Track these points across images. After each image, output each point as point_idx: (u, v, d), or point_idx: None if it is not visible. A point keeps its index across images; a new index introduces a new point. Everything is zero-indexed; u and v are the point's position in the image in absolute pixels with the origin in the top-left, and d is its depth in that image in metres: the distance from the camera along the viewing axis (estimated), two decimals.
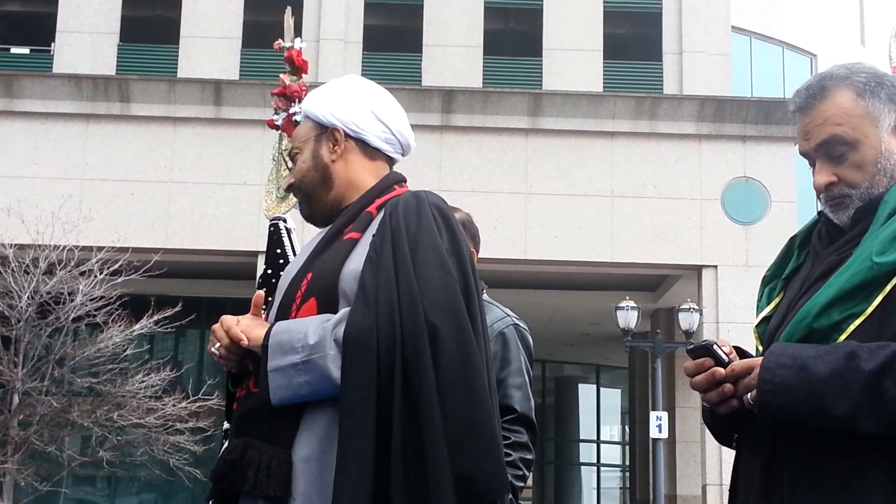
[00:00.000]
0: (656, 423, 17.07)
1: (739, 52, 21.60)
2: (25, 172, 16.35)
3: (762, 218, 16.78)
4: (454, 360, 2.21)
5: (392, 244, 2.31)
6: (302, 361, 2.24)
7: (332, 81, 2.62)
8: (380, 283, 2.26)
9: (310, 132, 2.54)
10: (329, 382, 2.23)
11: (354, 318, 2.24)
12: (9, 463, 13.48)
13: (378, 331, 2.21)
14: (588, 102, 17.14)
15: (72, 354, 14.15)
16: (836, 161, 2.15)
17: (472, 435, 2.19)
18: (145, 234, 16.10)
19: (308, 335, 2.26)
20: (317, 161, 2.52)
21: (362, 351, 2.20)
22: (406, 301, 2.24)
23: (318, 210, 2.54)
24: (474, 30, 19.25)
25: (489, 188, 16.70)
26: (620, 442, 27.60)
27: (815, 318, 2.03)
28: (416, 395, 2.18)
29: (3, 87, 16.62)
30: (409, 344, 2.21)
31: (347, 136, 2.52)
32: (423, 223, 2.35)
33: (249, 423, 2.33)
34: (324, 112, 2.53)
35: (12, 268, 13.74)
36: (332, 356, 2.23)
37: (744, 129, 17.09)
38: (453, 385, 2.20)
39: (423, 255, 2.30)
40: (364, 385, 2.19)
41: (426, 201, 2.40)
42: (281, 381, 2.26)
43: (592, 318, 20.19)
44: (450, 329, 2.23)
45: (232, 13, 18.85)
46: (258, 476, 2.24)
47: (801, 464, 1.99)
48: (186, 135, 16.67)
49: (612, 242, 16.64)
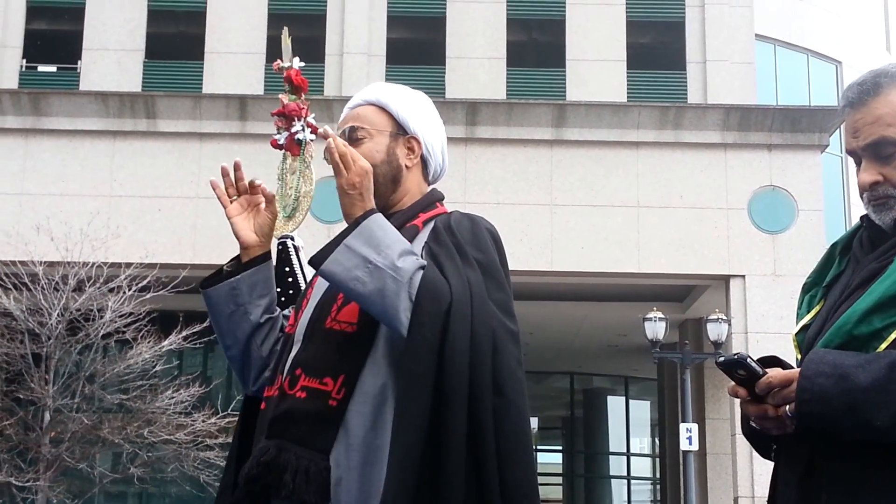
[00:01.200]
0: (686, 435, 16.96)
1: (764, 60, 21.51)
2: (54, 190, 16.49)
3: (789, 227, 16.68)
4: (510, 376, 2.27)
5: (457, 252, 2.35)
6: (375, 265, 2.25)
7: (416, 94, 2.67)
8: (449, 274, 2.29)
9: (385, 125, 2.57)
10: (381, 304, 2.24)
11: (432, 278, 2.26)
12: (41, 480, 13.56)
13: (452, 303, 2.23)
14: (612, 113, 17.10)
15: (102, 371, 14.23)
16: (883, 161, 2.09)
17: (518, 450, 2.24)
18: (173, 249, 16.18)
19: (395, 252, 2.27)
20: (392, 158, 2.55)
21: (435, 304, 2.22)
22: (478, 300, 2.28)
23: (377, 203, 2.50)
24: (497, 41, 19.28)
25: (514, 200, 16.69)
26: (650, 454, 27.44)
27: (855, 324, 1.99)
28: (476, 394, 2.21)
29: (31, 106, 16.77)
30: (477, 339, 2.23)
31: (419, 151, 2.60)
32: (482, 244, 2.42)
33: (284, 425, 2.30)
34: (408, 117, 2.59)
35: (42, 285, 13.84)
36: (404, 286, 2.23)
37: (769, 138, 17.00)
38: (508, 395, 2.25)
39: (487, 273, 2.36)
40: (427, 339, 2.20)
41: (481, 224, 2.47)
42: (345, 260, 2.26)
43: (620, 329, 20.11)
44: (509, 348, 2.29)
45: (256, 28, 18.97)
46: (296, 481, 2.22)
47: (839, 476, 1.96)
48: (212, 150, 16.76)
49: (639, 253, 16.59)
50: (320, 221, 15.97)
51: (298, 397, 2.31)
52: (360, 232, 2.28)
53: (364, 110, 2.59)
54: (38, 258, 14.17)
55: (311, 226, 15.76)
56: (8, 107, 16.72)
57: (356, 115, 2.59)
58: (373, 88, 2.65)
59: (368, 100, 2.61)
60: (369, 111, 2.59)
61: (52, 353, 13.87)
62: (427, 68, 19.19)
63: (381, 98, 2.60)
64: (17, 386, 14.34)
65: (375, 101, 2.59)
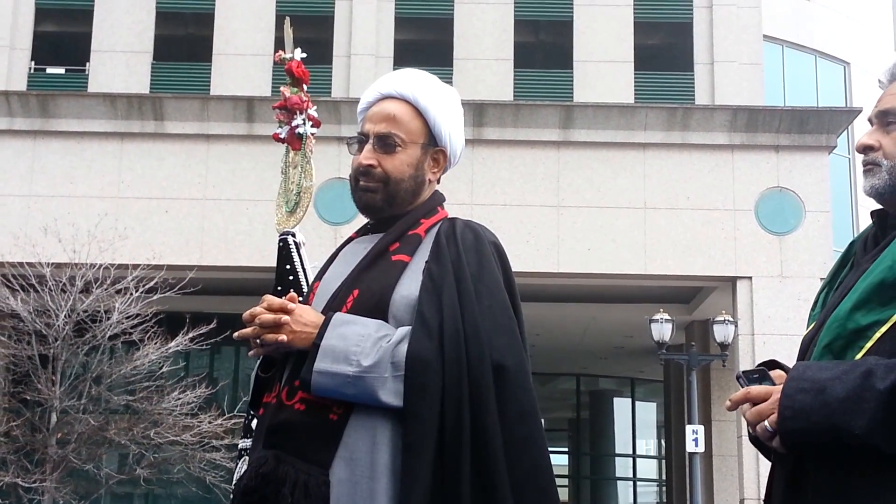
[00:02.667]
0: (692, 436, 16.93)
1: (772, 61, 21.47)
2: (62, 191, 16.52)
3: (796, 228, 16.64)
4: (518, 405, 2.24)
5: (455, 278, 2.30)
6: (354, 376, 2.22)
7: (453, 95, 2.57)
8: (444, 316, 2.25)
9: (419, 135, 2.49)
10: (375, 401, 2.22)
11: (417, 346, 2.22)
12: (47, 481, 13.58)
13: (444, 364, 2.21)
14: (619, 114, 17.09)
15: (108, 372, 14.24)
16: (885, 129, 2.17)
17: (535, 479, 2.22)
18: (180, 251, 16.20)
19: (364, 352, 2.24)
20: (418, 173, 2.49)
21: (426, 383, 2.20)
22: (472, 339, 2.24)
23: (393, 213, 2.48)
24: (505, 43, 19.28)
25: (521, 201, 16.68)
26: (656, 456, 27.40)
27: (843, 322, 2.03)
28: (483, 436, 2.18)
29: (39, 107, 16.80)
30: (475, 382, 2.21)
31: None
32: (484, 260, 2.36)
33: (282, 436, 2.28)
34: (442, 128, 2.51)
35: (49, 286, 13.87)
36: (384, 378, 2.22)
37: (777, 139, 16.97)
38: (517, 430, 2.22)
39: (488, 297, 2.31)
40: (425, 419, 2.18)
41: (484, 238, 2.40)
42: (326, 384, 2.24)
43: (626, 331, 20.09)
44: (514, 373, 2.25)
45: (263, 30, 18.99)
46: (295, 495, 2.19)
47: (825, 479, 1.99)
48: (220, 152, 16.78)
49: (646, 254, 16.57)
50: (327, 223, 15.98)
51: (297, 409, 2.28)
52: (324, 352, 2.25)
53: (401, 111, 2.47)
54: (45, 260, 14.19)
55: (319, 227, 15.78)
56: (17, 108, 16.76)
57: (392, 116, 2.46)
58: (409, 81, 2.52)
59: (405, 96, 2.49)
60: (406, 113, 2.47)
61: (59, 354, 13.89)
62: (434, 70, 18.97)
63: (419, 99, 2.48)
64: (24, 387, 14.37)
65: (413, 101, 2.48)
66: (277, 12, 19.09)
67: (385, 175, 2.44)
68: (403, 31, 19.49)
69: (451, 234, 2.39)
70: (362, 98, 2.57)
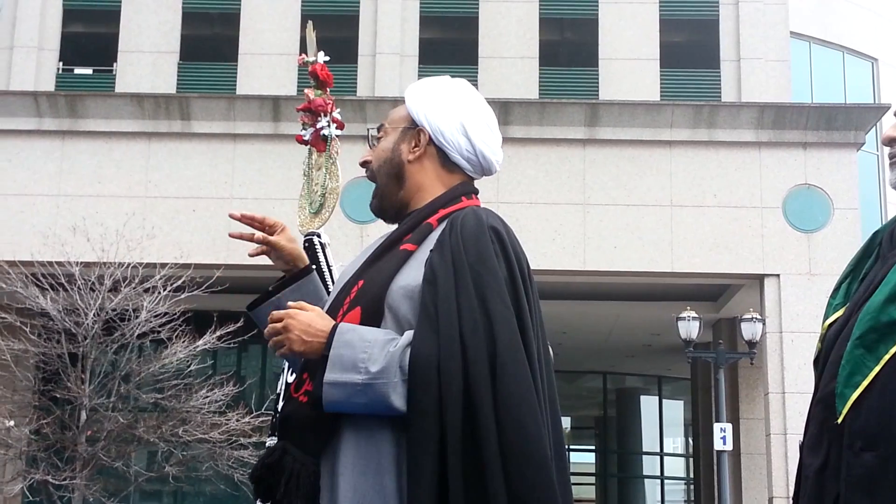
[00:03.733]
0: (720, 434, 16.86)
1: (799, 58, 21.34)
2: (90, 191, 16.63)
3: (825, 225, 16.54)
4: (513, 392, 2.20)
5: (453, 269, 2.28)
6: (363, 384, 2.22)
7: (440, 80, 2.58)
8: (439, 308, 2.25)
9: (400, 121, 2.52)
10: (387, 408, 2.23)
11: (420, 344, 2.23)
12: (77, 479, 13.68)
13: (440, 360, 2.21)
14: (645, 112, 17.03)
15: (137, 370, 14.32)
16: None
17: (525, 468, 2.18)
18: (207, 250, 16.27)
19: (372, 358, 2.24)
20: (394, 154, 2.49)
21: (428, 380, 2.20)
22: (468, 330, 2.23)
23: (389, 206, 2.52)
24: (530, 41, 19.25)
25: (547, 199, 16.66)
26: (684, 454, 27.30)
27: (875, 314, 2.00)
28: (476, 428, 2.18)
29: (67, 108, 16.93)
30: (470, 377, 2.20)
31: (430, 142, 2.49)
32: (483, 251, 2.30)
33: (288, 427, 2.35)
34: (417, 108, 2.50)
35: (78, 285, 13.96)
36: (394, 383, 2.22)
37: (804, 136, 16.87)
38: (511, 416, 2.19)
39: (484, 288, 2.27)
40: (429, 415, 2.19)
41: (485, 224, 2.34)
42: (337, 396, 2.24)
43: (653, 328, 20.03)
44: (509, 365, 2.22)
45: (289, 30, 19.05)
46: (288, 485, 2.25)
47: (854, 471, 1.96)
48: (246, 151, 16.85)
49: (672, 252, 16.51)
50: (353, 222, 16.03)
51: (301, 401, 2.32)
52: (332, 363, 2.25)
53: (395, 110, 2.58)
54: (74, 259, 14.29)
55: (345, 226, 15.83)
56: (45, 109, 16.89)
57: (390, 113, 2.58)
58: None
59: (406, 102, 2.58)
60: (398, 111, 2.56)
61: (89, 352, 13.99)
62: (459, 68, 19.17)
63: (406, 93, 2.57)
64: (53, 385, 14.47)
65: (405, 100, 2.56)
66: (303, 12, 19.14)
67: (371, 166, 2.53)
68: (428, 30, 19.50)
69: (456, 222, 2.36)
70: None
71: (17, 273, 14.17)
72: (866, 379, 1.95)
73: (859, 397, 1.96)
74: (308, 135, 2.96)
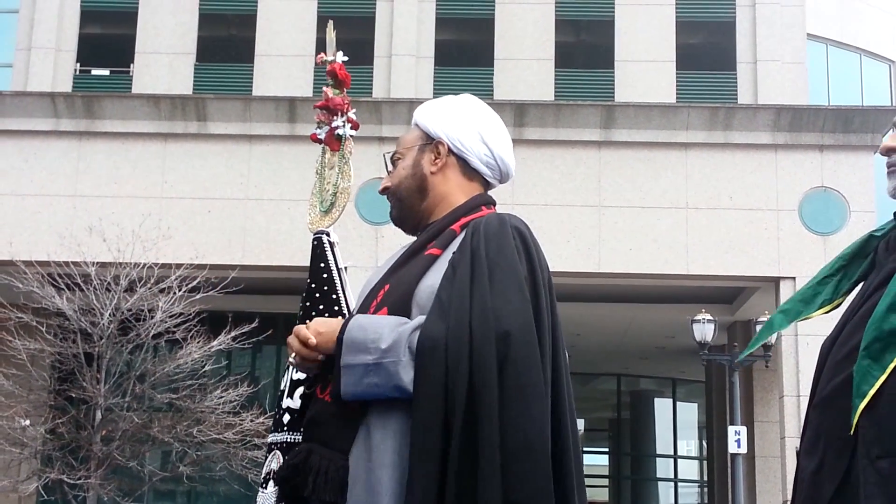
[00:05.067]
0: (734, 437, 16.82)
1: (816, 60, 21.27)
2: (106, 192, 16.70)
3: (841, 228, 16.48)
4: (520, 381, 2.21)
5: (470, 262, 2.32)
6: (373, 363, 2.27)
7: (447, 98, 2.67)
8: (452, 295, 2.28)
9: (415, 140, 2.60)
10: (397, 387, 2.26)
11: (427, 326, 2.27)
12: (92, 478, 13.73)
13: (447, 341, 2.23)
14: (661, 114, 17.00)
15: (152, 370, 14.38)
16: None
17: (523, 457, 2.18)
18: (222, 250, 16.32)
19: (382, 338, 2.29)
20: (416, 170, 2.56)
21: (433, 361, 2.23)
22: (478, 316, 2.25)
23: (410, 218, 2.58)
24: (546, 43, 19.24)
25: (562, 201, 16.65)
26: (698, 457, 27.24)
27: (879, 323, 2.02)
28: (478, 410, 2.19)
29: (84, 109, 17.00)
30: (476, 358, 2.21)
31: (450, 152, 2.56)
32: (504, 246, 2.35)
33: (314, 427, 2.38)
34: (432, 124, 2.58)
35: (94, 286, 14.02)
36: (403, 363, 2.25)
37: (821, 138, 16.81)
38: (514, 403, 2.20)
39: (500, 276, 2.30)
40: (434, 397, 2.21)
41: (508, 224, 2.40)
42: (351, 379, 2.29)
43: (668, 331, 19.99)
44: (519, 352, 2.22)
45: (305, 31, 19.08)
46: (316, 481, 2.29)
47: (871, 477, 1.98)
48: (262, 152, 16.89)
49: (688, 255, 16.47)
50: (368, 223, 16.04)
51: (325, 401, 2.37)
52: (346, 347, 2.31)
53: (406, 135, 2.67)
54: (90, 259, 14.34)
55: (360, 227, 15.85)
56: (62, 110, 16.97)
57: (399, 139, 2.67)
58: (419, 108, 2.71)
59: (413, 123, 2.67)
60: (409, 133, 2.65)
61: (104, 352, 14.04)
62: (475, 70, 19.20)
63: (415, 115, 2.65)
64: (69, 385, 14.53)
65: (414, 122, 2.65)
66: (319, 13, 19.17)
67: (391, 188, 2.61)
68: (444, 32, 19.51)
69: (478, 225, 2.41)
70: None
71: (33, 273, 14.24)
72: (873, 388, 1.98)
73: (869, 406, 1.97)
74: (322, 133, 2.96)
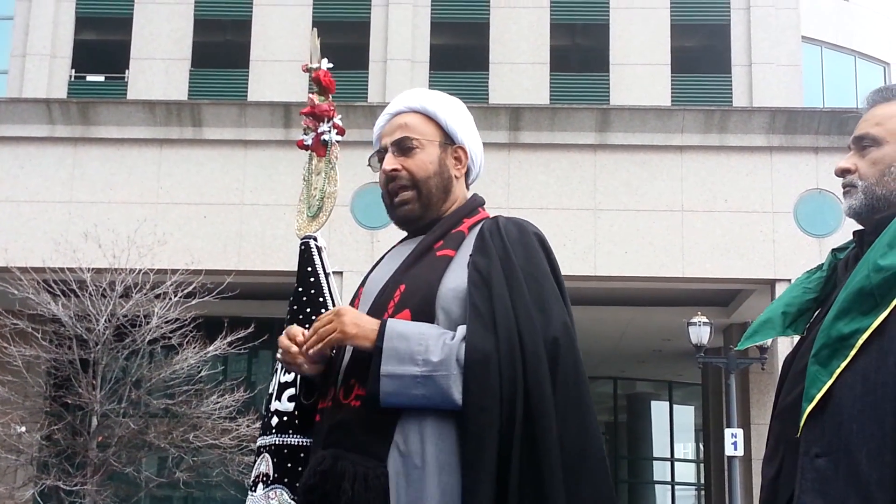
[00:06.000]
0: (731, 440, 16.82)
1: (810, 62, 21.31)
2: (102, 197, 16.68)
3: (836, 230, 16.49)
4: (572, 390, 2.28)
5: (503, 271, 2.35)
6: (422, 376, 2.24)
7: (455, 100, 2.67)
8: (495, 307, 2.29)
9: (434, 135, 2.58)
10: (447, 400, 2.24)
11: (475, 339, 2.25)
12: (88, 484, 13.70)
13: (499, 354, 2.24)
14: (656, 117, 17.02)
15: (148, 376, 14.35)
16: (861, 153, 2.34)
17: (585, 464, 2.25)
18: (218, 256, 16.31)
19: (429, 350, 2.26)
20: (443, 170, 2.57)
21: (486, 374, 2.23)
22: (526, 328, 2.28)
23: (430, 216, 2.55)
24: (541, 47, 19.26)
25: (558, 205, 16.65)
26: (694, 460, 27.25)
27: (826, 331, 2.10)
28: (537, 423, 2.22)
29: (79, 115, 16.99)
30: (530, 371, 2.24)
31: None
32: (532, 254, 2.42)
33: (340, 434, 2.31)
34: (455, 127, 2.60)
35: (90, 291, 14.00)
36: (454, 376, 2.24)
37: (816, 141, 16.83)
38: (570, 415, 2.26)
39: (537, 286, 2.36)
40: (489, 410, 2.21)
41: (529, 231, 2.47)
42: (394, 388, 2.25)
43: (664, 334, 19.99)
44: (568, 359, 2.30)
45: (300, 37, 19.09)
46: (355, 487, 2.22)
47: (808, 473, 2.06)
48: (257, 157, 16.89)
49: (683, 257, 16.48)
50: (364, 227, 16.05)
51: (353, 406, 2.32)
52: (388, 355, 2.27)
53: (411, 119, 2.59)
54: (86, 265, 14.33)
55: (356, 232, 15.85)
56: (57, 116, 16.95)
57: (404, 123, 2.58)
58: (415, 95, 2.64)
59: (413, 107, 2.60)
60: (417, 120, 2.59)
61: (100, 358, 14.02)
62: (470, 74, 19.21)
63: (427, 107, 2.60)
64: (65, 391, 14.50)
65: (422, 110, 2.59)
66: (314, 19, 19.19)
67: (411, 176, 2.54)
68: (439, 36, 19.52)
69: (496, 228, 2.46)
70: (375, 126, 2.69)
71: (28, 279, 14.21)
72: (820, 392, 2.06)
73: (817, 409, 2.06)
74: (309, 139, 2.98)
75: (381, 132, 2.63)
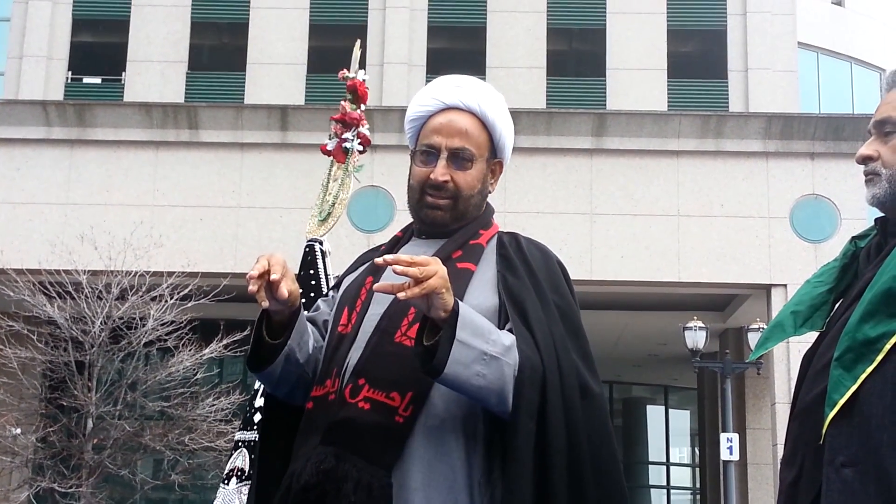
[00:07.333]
0: (727, 444, 16.84)
1: (807, 68, 21.35)
2: (98, 200, 16.68)
3: (832, 236, 16.52)
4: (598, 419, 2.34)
5: (537, 296, 2.36)
6: (491, 355, 2.15)
7: (502, 103, 2.56)
8: (534, 330, 2.28)
9: (485, 147, 2.50)
10: (502, 392, 2.18)
11: (524, 349, 2.23)
12: (83, 486, 13.69)
13: (545, 368, 2.24)
14: (653, 121, 17.04)
15: (144, 379, 14.34)
16: (883, 139, 2.18)
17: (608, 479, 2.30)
18: (214, 258, 16.30)
19: (500, 335, 2.21)
20: (484, 187, 2.51)
21: (533, 383, 2.21)
22: (563, 356, 2.29)
23: (459, 226, 2.48)
24: (538, 51, 19.28)
25: (554, 209, 16.67)
26: (690, 464, 27.24)
27: (852, 334, 2.01)
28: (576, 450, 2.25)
29: (76, 117, 16.98)
30: (568, 398, 2.26)
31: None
32: (558, 280, 2.46)
33: (344, 434, 2.22)
34: (504, 142, 2.55)
35: (86, 294, 13.99)
36: (514, 372, 2.20)
37: (812, 146, 16.86)
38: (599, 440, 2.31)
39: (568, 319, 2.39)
40: (531, 417, 2.20)
41: (553, 258, 2.51)
42: (463, 357, 2.11)
43: (660, 338, 20.00)
44: (599, 398, 2.35)
45: (297, 40, 19.10)
46: (357, 494, 2.15)
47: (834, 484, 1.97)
48: (254, 160, 16.89)
49: (679, 262, 16.50)
50: (360, 231, 16.05)
51: (361, 408, 2.22)
52: (463, 322, 2.13)
53: (470, 125, 2.47)
54: (81, 267, 14.32)
55: (352, 235, 15.84)
56: (54, 118, 16.95)
57: (464, 131, 2.46)
58: (474, 93, 2.51)
59: (472, 108, 2.49)
60: (475, 128, 2.48)
61: (95, 360, 14.01)
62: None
63: (487, 113, 2.49)
64: (60, 393, 14.49)
65: (480, 116, 2.49)
66: (311, 22, 19.20)
67: (457, 191, 2.44)
68: (436, 40, 19.54)
69: (517, 248, 2.46)
70: (415, 103, 2.54)
71: (24, 281, 14.21)
72: (843, 397, 1.97)
73: (840, 415, 1.97)
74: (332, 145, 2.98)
75: (434, 126, 2.47)
